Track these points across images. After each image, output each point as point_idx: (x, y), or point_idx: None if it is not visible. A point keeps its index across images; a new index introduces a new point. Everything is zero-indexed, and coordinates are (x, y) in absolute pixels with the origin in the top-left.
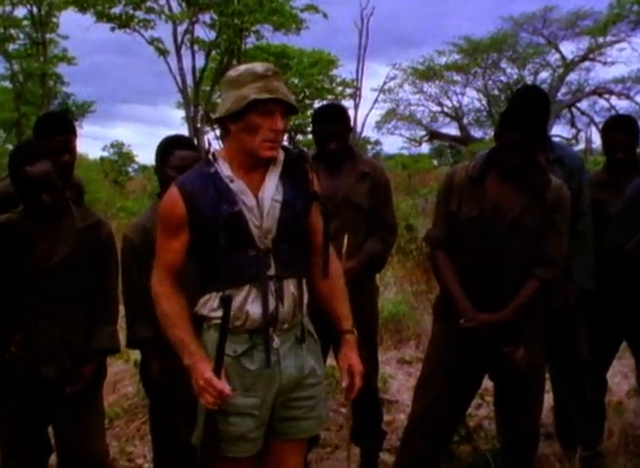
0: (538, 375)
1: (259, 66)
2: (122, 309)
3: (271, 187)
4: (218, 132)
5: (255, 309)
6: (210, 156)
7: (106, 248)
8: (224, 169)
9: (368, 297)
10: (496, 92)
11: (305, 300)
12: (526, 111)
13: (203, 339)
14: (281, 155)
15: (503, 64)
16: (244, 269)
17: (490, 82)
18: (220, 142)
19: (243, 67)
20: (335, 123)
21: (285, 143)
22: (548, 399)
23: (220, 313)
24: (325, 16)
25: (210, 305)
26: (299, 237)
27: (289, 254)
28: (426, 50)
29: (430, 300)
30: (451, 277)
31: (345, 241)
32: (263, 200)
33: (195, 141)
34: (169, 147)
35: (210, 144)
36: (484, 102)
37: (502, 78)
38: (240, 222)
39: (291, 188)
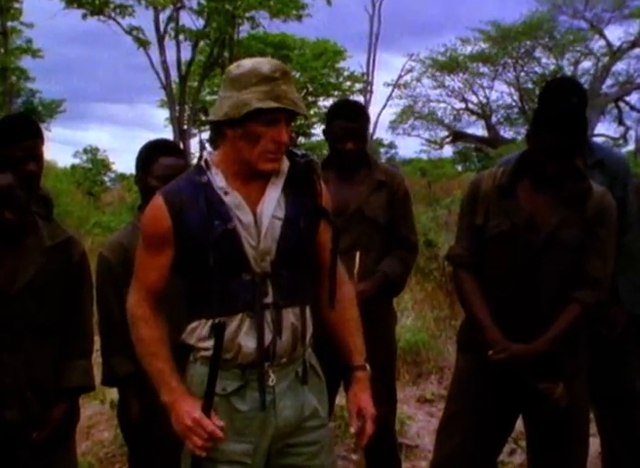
0: (581, 416)
1: (265, 65)
2: (97, 340)
3: (271, 202)
4: (207, 135)
5: (248, 342)
6: (202, 162)
7: (79, 269)
8: (218, 179)
9: (384, 325)
10: (529, 85)
11: (309, 333)
12: (564, 108)
13: (188, 373)
14: (285, 164)
15: (538, 53)
16: (237, 295)
17: (522, 74)
18: (210, 146)
19: (247, 64)
20: (355, 120)
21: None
22: (594, 444)
23: (209, 343)
24: (329, 1)
25: (198, 334)
26: (302, 260)
27: (290, 280)
28: (448, 38)
29: (454, 328)
30: (477, 301)
31: (357, 259)
32: (262, 216)
33: (181, 146)
34: (152, 154)
35: (203, 148)
36: (515, 97)
37: (537, 69)
38: (234, 242)
39: (295, 203)
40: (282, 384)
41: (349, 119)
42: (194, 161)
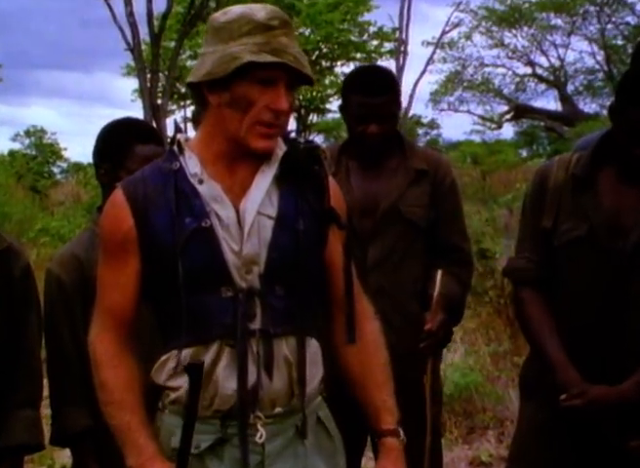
0: None
1: (259, 11)
2: (45, 384)
3: (258, 194)
4: (189, 112)
5: (226, 381)
6: (174, 146)
7: (22, 288)
8: (192, 163)
9: (432, 367)
10: (618, 41)
11: (314, 373)
12: None
13: (155, 425)
14: (280, 150)
15: None
16: (212, 317)
17: (609, 26)
18: (193, 127)
19: (237, 11)
20: (378, 94)
21: (290, 130)
22: None
23: (180, 382)
24: None
25: (167, 369)
26: (302, 275)
27: (286, 301)
28: None
29: (517, 366)
30: (545, 330)
31: (438, 279)
32: (245, 212)
33: (154, 125)
34: (123, 140)
35: (178, 129)
36: (600, 59)
37: (629, 19)
38: (209, 245)
39: (291, 199)
40: (275, 442)
41: (370, 93)
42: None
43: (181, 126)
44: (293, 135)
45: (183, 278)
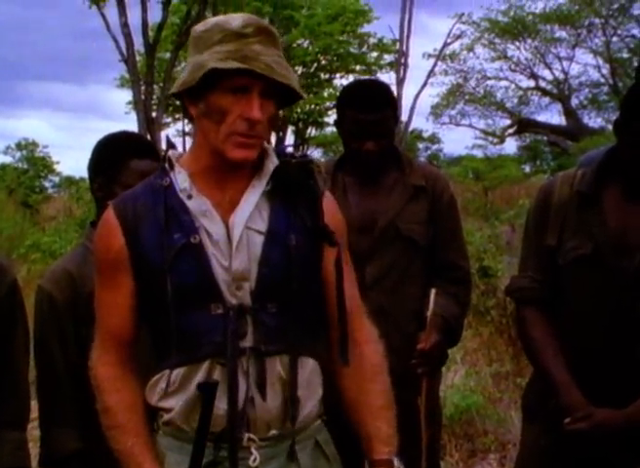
0: None
1: (236, 19)
2: (35, 405)
3: (247, 208)
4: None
5: (219, 401)
6: (166, 163)
7: (8, 306)
8: (181, 179)
9: (427, 388)
10: (624, 54)
11: (310, 393)
12: None
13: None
14: (271, 162)
15: (638, 10)
16: (203, 335)
17: (614, 39)
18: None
19: (214, 20)
20: (374, 110)
21: (287, 145)
22: None
23: (172, 402)
24: None
25: (160, 389)
26: (295, 292)
27: (278, 319)
28: None
29: (519, 388)
30: (549, 350)
31: (432, 298)
32: (233, 227)
33: (149, 137)
34: (119, 155)
35: (170, 145)
36: (605, 72)
37: (635, 32)
38: (198, 261)
39: (282, 214)
40: (269, 466)
41: (366, 109)
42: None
43: (174, 140)
44: (289, 149)
45: (172, 295)
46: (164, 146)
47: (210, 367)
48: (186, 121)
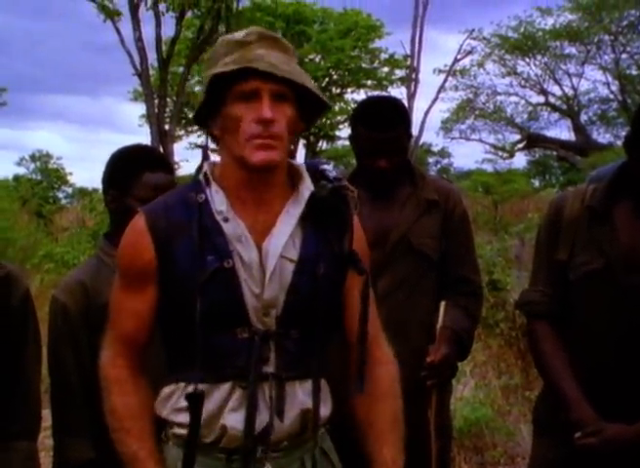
0: None
1: (240, 32)
2: (47, 415)
3: (282, 236)
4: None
5: (235, 422)
6: (201, 176)
7: (21, 316)
8: (218, 199)
9: (437, 401)
10: (633, 71)
11: (326, 414)
12: None
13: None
14: (307, 189)
15: None
16: (227, 358)
17: (624, 56)
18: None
19: (221, 38)
20: (387, 128)
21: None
22: None
23: (185, 418)
24: None
25: (173, 403)
26: (318, 319)
27: (300, 345)
28: (519, 8)
29: (529, 401)
30: (559, 365)
31: (442, 311)
32: (268, 255)
33: (161, 150)
34: (132, 167)
35: (205, 156)
36: (614, 88)
37: None
38: (230, 285)
39: (314, 241)
40: None
41: (379, 127)
42: (179, 172)
43: (188, 153)
44: (324, 167)
45: (201, 316)
46: (177, 157)
47: (230, 388)
48: (199, 134)
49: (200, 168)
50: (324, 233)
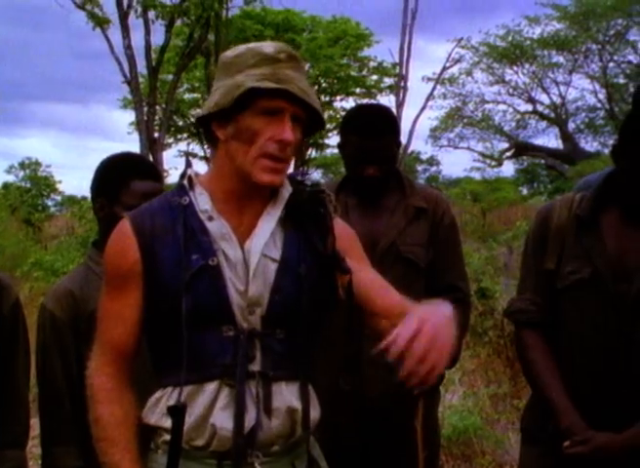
0: None
1: (268, 46)
2: (35, 423)
3: (263, 236)
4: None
5: (224, 421)
6: (185, 181)
7: (10, 324)
8: (202, 200)
9: (425, 408)
10: (620, 80)
11: (315, 416)
12: None
13: (148, 465)
14: (286, 189)
15: (634, 36)
16: (213, 356)
17: (611, 65)
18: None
19: (246, 46)
20: (376, 136)
21: (298, 172)
22: None
23: (170, 423)
24: None
25: (161, 408)
26: (303, 318)
27: (285, 345)
28: (508, 17)
29: (517, 409)
30: (548, 373)
31: None
32: (250, 253)
33: (150, 159)
34: (120, 175)
35: (188, 164)
36: (601, 96)
37: (632, 58)
38: (215, 283)
39: (294, 242)
40: None
41: (369, 135)
42: (168, 179)
43: (177, 161)
44: (303, 176)
45: (186, 314)
46: (166, 165)
47: (218, 387)
48: (189, 142)
49: (184, 174)
50: (305, 234)
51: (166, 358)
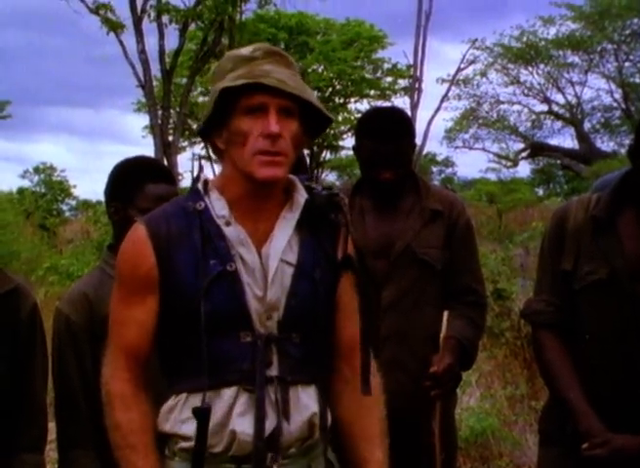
0: None
1: (246, 48)
2: (53, 427)
3: (281, 241)
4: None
5: (244, 426)
6: (200, 185)
7: (28, 329)
8: (219, 205)
9: (442, 410)
10: (636, 79)
11: (329, 420)
12: None
13: None
14: (301, 196)
15: None
16: (231, 362)
17: (627, 64)
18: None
19: (227, 53)
20: (391, 140)
21: (304, 176)
22: None
23: (191, 428)
24: None
25: (176, 415)
26: (318, 324)
27: (302, 349)
28: (522, 18)
29: (535, 411)
30: (566, 375)
31: (447, 319)
32: (268, 258)
33: (165, 163)
34: (135, 179)
35: (201, 168)
36: (617, 96)
37: None
38: (233, 289)
39: (309, 247)
40: None
41: (384, 139)
42: (183, 183)
43: (191, 164)
44: (307, 182)
45: (205, 320)
46: (181, 169)
47: (236, 393)
48: (203, 145)
49: (197, 178)
50: (318, 239)
51: (181, 364)
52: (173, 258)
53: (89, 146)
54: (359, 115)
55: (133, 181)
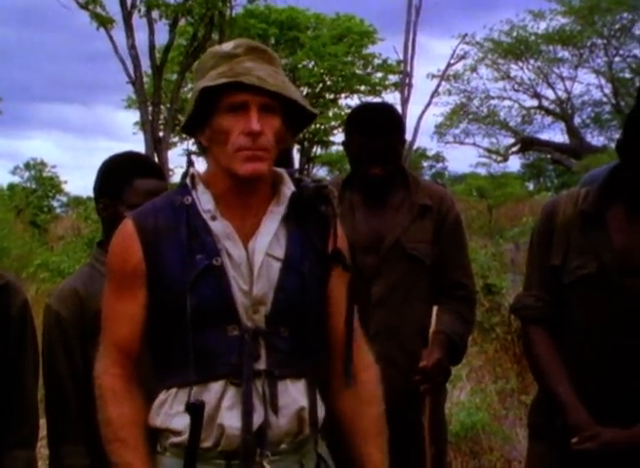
0: None
1: (228, 44)
2: (43, 423)
3: (267, 235)
4: (193, 144)
5: (232, 421)
6: (187, 179)
7: (18, 326)
8: (205, 199)
9: (432, 405)
10: (626, 74)
11: (322, 415)
12: None
13: None
14: (288, 189)
15: (639, 31)
16: (218, 356)
17: (617, 59)
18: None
19: (209, 50)
20: (381, 136)
21: (294, 169)
22: None
23: (182, 423)
24: None
25: (167, 410)
26: (306, 318)
27: (290, 343)
28: (512, 12)
29: (525, 405)
30: (555, 369)
31: (436, 314)
32: (254, 252)
33: (156, 159)
34: (123, 174)
35: (190, 162)
36: (607, 91)
37: (637, 52)
38: (219, 283)
39: (297, 241)
40: None
41: (373, 135)
42: (174, 178)
43: (181, 160)
44: (297, 175)
45: (191, 315)
46: (172, 165)
47: (223, 387)
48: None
49: (186, 173)
50: (306, 232)
51: (169, 359)
52: (160, 253)
53: (80, 142)
54: (349, 111)
55: (121, 177)
